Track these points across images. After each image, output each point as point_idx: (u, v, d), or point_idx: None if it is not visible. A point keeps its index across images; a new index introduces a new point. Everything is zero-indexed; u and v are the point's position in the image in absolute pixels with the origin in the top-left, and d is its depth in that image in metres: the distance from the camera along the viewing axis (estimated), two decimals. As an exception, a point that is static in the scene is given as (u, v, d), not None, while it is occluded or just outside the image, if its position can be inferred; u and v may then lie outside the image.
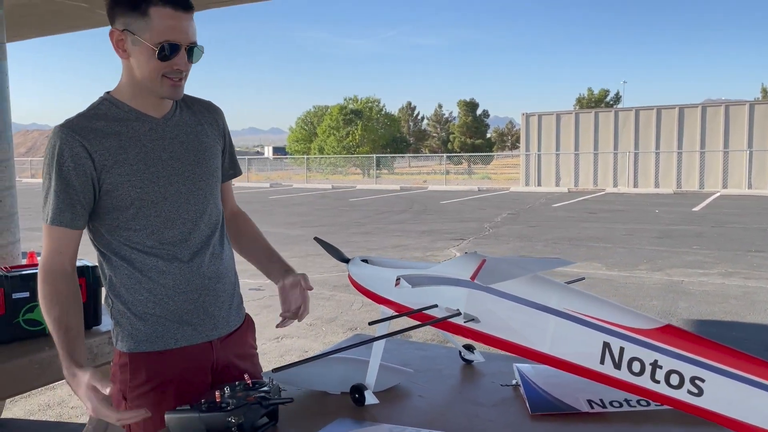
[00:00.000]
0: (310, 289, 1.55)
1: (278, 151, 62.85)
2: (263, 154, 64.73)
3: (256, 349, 1.67)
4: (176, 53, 1.37)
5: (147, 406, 1.39)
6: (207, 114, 1.58)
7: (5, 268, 2.14)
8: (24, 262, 2.92)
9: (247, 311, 1.68)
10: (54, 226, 1.39)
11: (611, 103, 46.76)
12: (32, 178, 35.47)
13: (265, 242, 1.70)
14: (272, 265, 1.64)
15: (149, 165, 1.43)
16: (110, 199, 1.41)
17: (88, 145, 1.37)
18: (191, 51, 1.40)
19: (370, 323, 1.30)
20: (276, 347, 4.90)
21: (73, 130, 1.38)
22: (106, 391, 1.21)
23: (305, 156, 36.75)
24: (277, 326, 1.58)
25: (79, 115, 1.42)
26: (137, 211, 1.42)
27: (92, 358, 2.09)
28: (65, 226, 1.39)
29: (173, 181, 1.45)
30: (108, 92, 1.48)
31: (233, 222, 1.71)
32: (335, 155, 38.19)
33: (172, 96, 1.43)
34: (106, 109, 1.44)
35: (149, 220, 1.43)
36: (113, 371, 1.50)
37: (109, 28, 1.42)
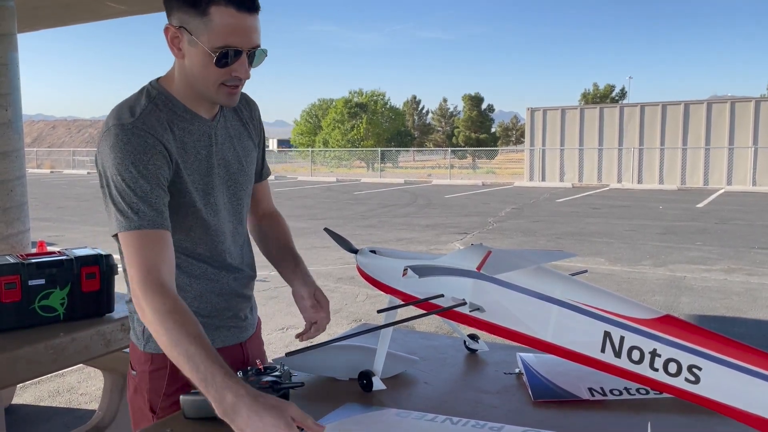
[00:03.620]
0: (322, 306, 1.51)
1: (283, 143, 62.79)
2: (268, 146, 64.67)
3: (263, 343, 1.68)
4: (237, 59, 1.24)
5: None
6: (246, 110, 1.48)
7: (21, 255, 2.18)
8: (34, 251, 2.97)
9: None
10: (154, 230, 1.21)
11: (616, 98, 46.61)
12: (38, 168, 35.57)
13: (289, 246, 1.59)
14: (294, 275, 1.54)
15: (203, 175, 1.34)
16: (171, 203, 1.29)
17: (167, 143, 1.26)
18: (251, 55, 1.26)
19: (379, 311, 1.34)
20: (281, 337, 4.95)
21: (149, 126, 1.25)
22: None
23: (310, 149, 36.77)
24: (297, 336, 1.55)
25: (146, 110, 1.28)
26: (191, 225, 1.34)
27: (105, 344, 2.14)
28: (165, 229, 1.24)
29: (222, 191, 1.39)
30: (158, 81, 1.35)
31: (264, 222, 1.63)
32: (340, 148, 38.18)
33: (227, 104, 1.33)
34: (162, 104, 1.31)
35: (204, 231, 1.36)
36: (137, 380, 1.40)
37: (114, 19, 1.37)
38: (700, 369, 1.07)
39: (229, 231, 1.42)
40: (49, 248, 2.58)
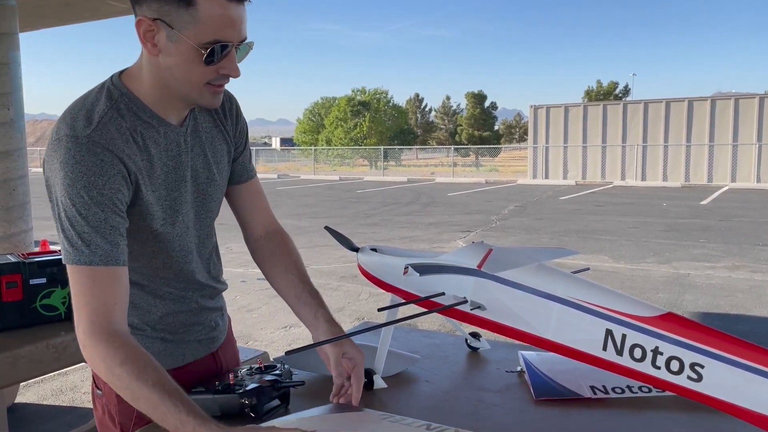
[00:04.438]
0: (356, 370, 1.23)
1: (286, 142, 62.90)
2: (271, 145, 64.84)
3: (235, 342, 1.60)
4: (227, 55, 1.09)
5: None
6: (220, 107, 1.31)
7: (23, 255, 2.19)
8: (36, 250, 2.97)
9: (254, 300, 1.65)
10: (107, 267, 1.08)
11: (620, 95, 46.55)
12: (41, 168, 35.68)
13: (307, 283, 1.38)
14: (303, 308, 1.34)
15: (171, 189, 1.20)
16: (130, 227, 1.15)
17: (127, 161, 1.12)
18: (240, 49, 1.12)
19: (379, 309, 1.34)
20: (284, 336, 4.95)
21: (109, 142, 1.09)
22: None
23: (313, 147, 36.80)
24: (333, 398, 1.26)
25: (105, 118, 1.11)
26: (158, 246, 1.22)
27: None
28: (120, 264, 1.10)
29: (191, 207, 1.26)
30: (119, 77, 1.18)
31: (269, 247, 1.43)
32: (343, 147, 38.22)
33: (211, 105, 1.18)
34: (126, 107, 1.15)
35: (168, 255, 1.24)
36: (104, 401, 1.29)
37: (117, 18, 1.28)
38: (702, 367, 1.06)
39: (196, 247, 1.31)
40: (52, 247, 2.59)
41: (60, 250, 1.14)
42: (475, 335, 1.66)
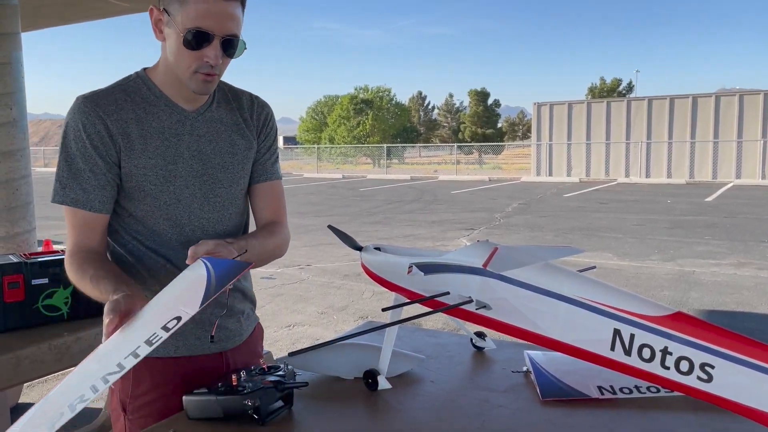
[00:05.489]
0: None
1: (289, 140, 62.87)
2: (274, 143, 64.57)
3: (262, 356, 1.59)
4: (207, 44, 1.24)
5: (150, 417, 1.30)
6: (249, 110, 1.46)
7: (25, 255, 2.18)
8: (39, 250, 2.97)
9: (257, 299, 1.61)
10: (75, 208, 1.30)
11: (624, 92, 46.42)
12: (45, 167, 35.74)
13: (257, 232, 1.45)
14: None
15: (168, 161, 1.33)
16: (121, 190, 1.33)
17: (111, 125, 1.29)
18: (229, 44, 1.26)
19: (384, 309, 1.33)
20: (288, 335, 4.94)
21: (97, 105, 1.29)
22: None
23: (316, 146, 36.80)
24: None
25: (108, 90, 1.33)
26: (146, 211, 1.34)
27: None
28: (87, 210, 1.30)
29: (190, 183, 1.35)
30: (145, 69, 1.38)
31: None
32: (346, 145, 38.21)
33: (201, 91, 1.32)
34: (136, 87, 1.34)
35: (156, 222, 1.35)
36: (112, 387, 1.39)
37: (118, 16, 1.39)
38: (712, 367, 1.04)
39: (201, 227, 1.37)
40: (55, 247, 2.57)
41: (61, 250, 1.26)
42: (480, 335, 1.64)
